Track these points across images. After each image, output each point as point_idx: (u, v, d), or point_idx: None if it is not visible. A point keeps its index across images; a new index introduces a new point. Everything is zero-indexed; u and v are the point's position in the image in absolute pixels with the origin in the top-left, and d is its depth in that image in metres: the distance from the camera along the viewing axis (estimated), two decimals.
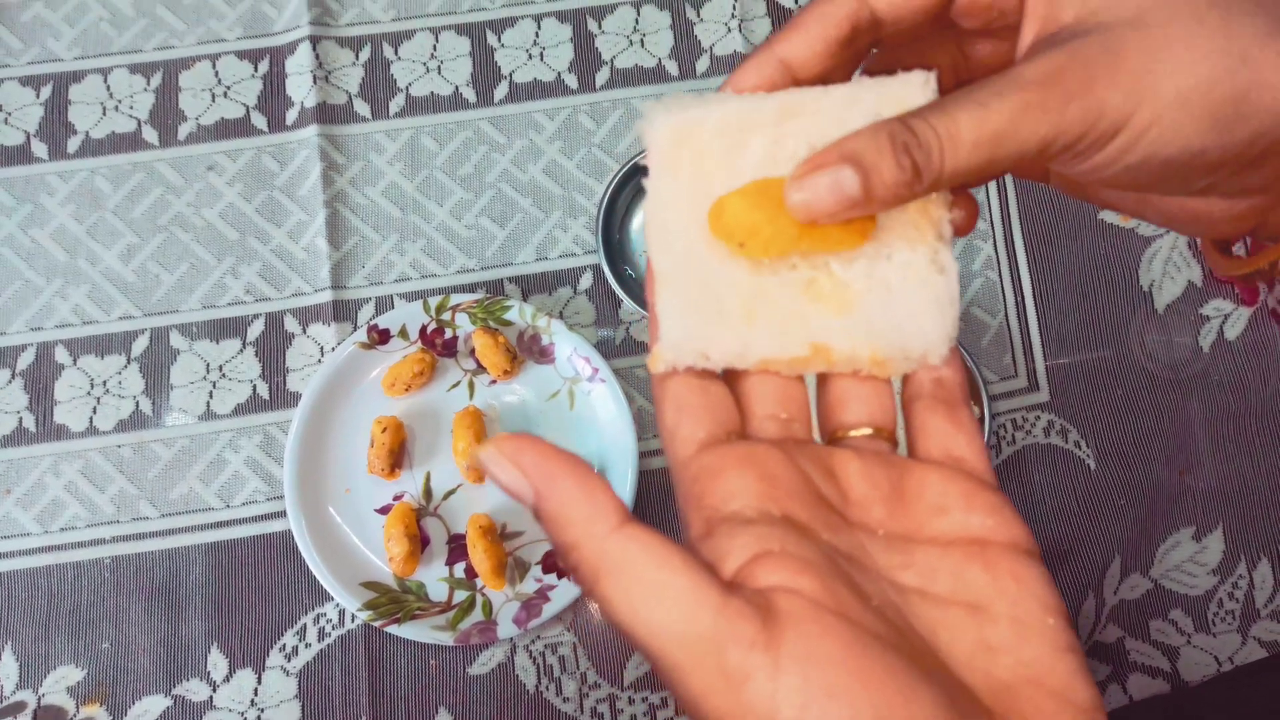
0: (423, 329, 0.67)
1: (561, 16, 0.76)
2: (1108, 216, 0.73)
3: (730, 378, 0.31)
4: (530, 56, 0.75)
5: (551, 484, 0.26)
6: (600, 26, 0.76)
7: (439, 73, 0.75)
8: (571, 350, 0.67)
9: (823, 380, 0.32)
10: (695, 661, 0.23)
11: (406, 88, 0.74)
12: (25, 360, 0.68)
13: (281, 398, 0.68)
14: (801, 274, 0.30)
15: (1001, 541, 0.27)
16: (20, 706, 0.63)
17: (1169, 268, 0.72)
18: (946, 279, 0.30)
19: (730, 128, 0.31)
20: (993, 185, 0.73)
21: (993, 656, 0.25)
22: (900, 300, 0.30)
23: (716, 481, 0.27)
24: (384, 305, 0.70)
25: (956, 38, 0.35)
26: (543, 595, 0.64)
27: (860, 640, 0.23)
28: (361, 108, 0.73)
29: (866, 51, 0.33)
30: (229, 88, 0.74)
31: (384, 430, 0.64)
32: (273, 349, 0.69)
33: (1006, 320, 0.71)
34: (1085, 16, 0.29)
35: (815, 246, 0.29)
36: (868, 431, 0.30)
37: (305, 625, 0.65)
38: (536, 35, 0.75)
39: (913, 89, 0.30)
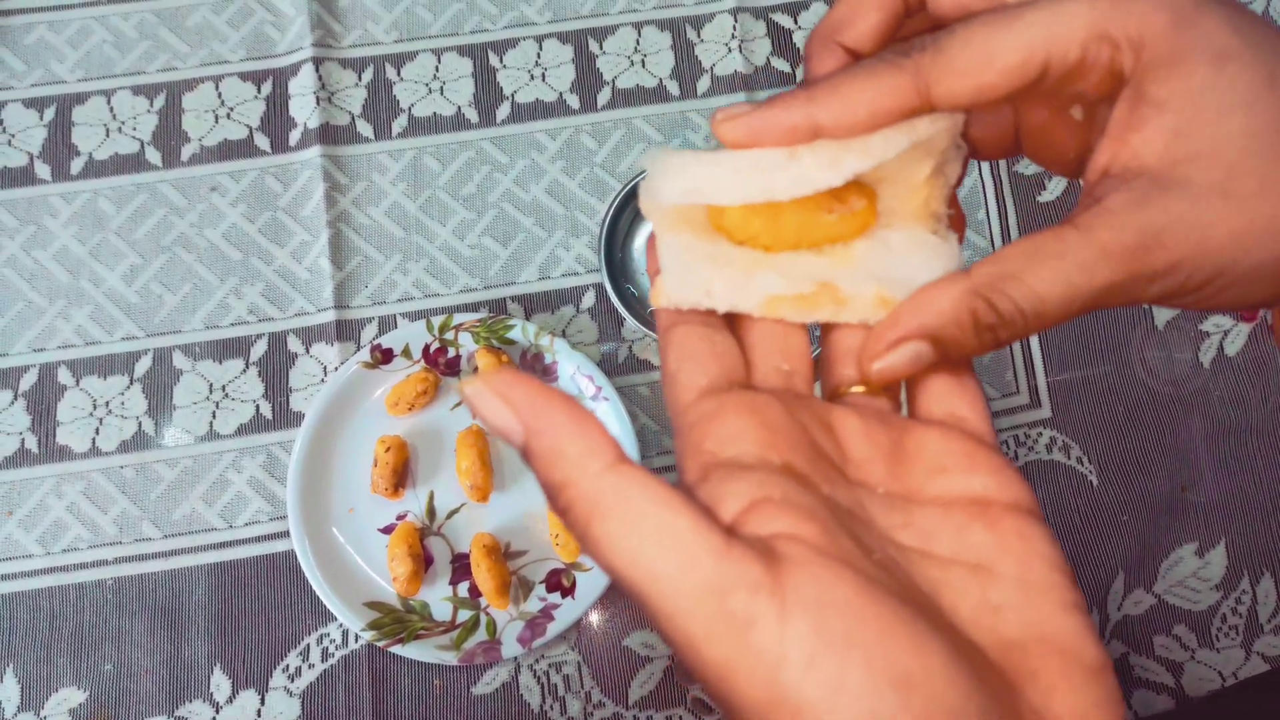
0: (426, 348, 0.67)
1: (563, 38, 0.76)
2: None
3: (733, 327, 0.31)
4: (532, 77, 0.76)
5: (542, 419, 0.25)
6: (601, 47, 0.76)
7: (441, 93, 0.75)
8: (574, 369, 0.67)
9: (826, 333, 0.32)
10: (695, 606, 0.22)
11: (409, 108, 0.75)
12: (28, 381, 0.69)
13: (284, 417, 0.68)
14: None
15: (1004, 501, 0.27)
16: None
17: None
18: (949, 243, 0.30)
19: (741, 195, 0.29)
20: (992, 202, 0.74)
21: (998, 615, 0.25)
22: (904, 255, 0.30)
23: (715, 425, 0.27)
24: (387, 325, 0.70)
25: None
26: (547, 614, 0.64)
27: (869, 588, 0.23)
28: (364, 128, 0.74)
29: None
30: (232, 109, 0.74)
31: (387, 449, 0.64)
32: (276, 369, 0.69)
33: None
34: (1169, 168, 0.27)
35: (815, 244, 0.30)
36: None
37: (309, 645, 0.65)
38: (538, 56, 0.76)
39: (940, 139, 0.30)
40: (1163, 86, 0.27)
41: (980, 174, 0.74)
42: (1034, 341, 0.71)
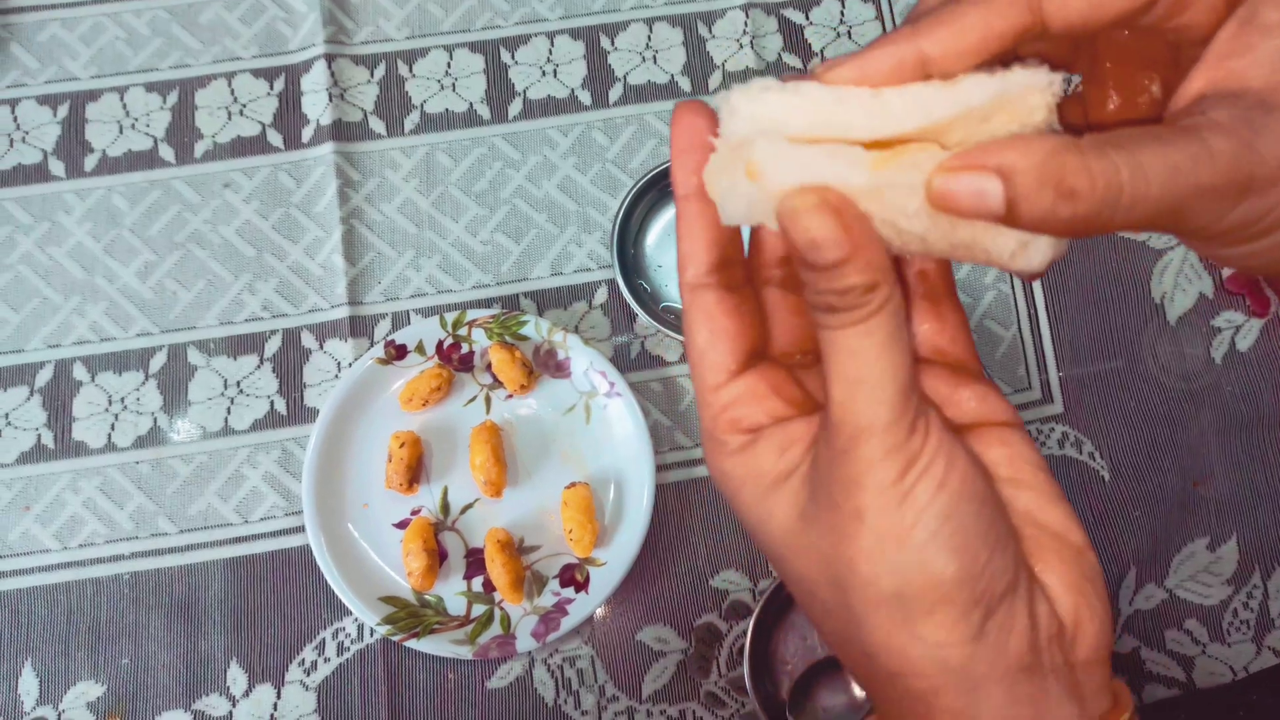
0: (439, 344, 0.68)
1: (575, 34, 0.76)
2: None
3: (753, 286, 0.33)
4: (544, 73, 0.76)
5: (869, 240, 0.26)
6: (613, 43, 0.76)
7: (453, 90, 0.75)
8: (588, 365, 0.67)
9: None
10: (889, 406, 0.27)
11: (421, 105, 0.75)
12: (43, 377, 0.69)
13: (299, 413, 0.69)
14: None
15: (988, 419, 0.31)
16: None
17: (1180, 280, 0.72)
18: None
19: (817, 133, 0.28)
20: None
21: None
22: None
23: (754, 405, 0.31)
24: (400, 321, 0.70)
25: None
26: (560, 609, 0.64)
27: (964, 445, 0.28)
28: (377, 125, 0.74)
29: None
30: (245, 106, 0.74)
31: (402, 445, 0.65)
32: (290, 365, 0.70)
33: (1020, 333, 0.71)
34: (1275, 89, 0.27)
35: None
36: None
37: (324, 640, 0.65)
38: (550, 52, 0.76)
39: (1032, 95, 0.27)
40: (1276, 10, 0.27)
41: None
42: (1046, 337, 0.71)
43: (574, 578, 0.65)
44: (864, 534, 0.27)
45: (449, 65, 0.76)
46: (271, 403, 0.69)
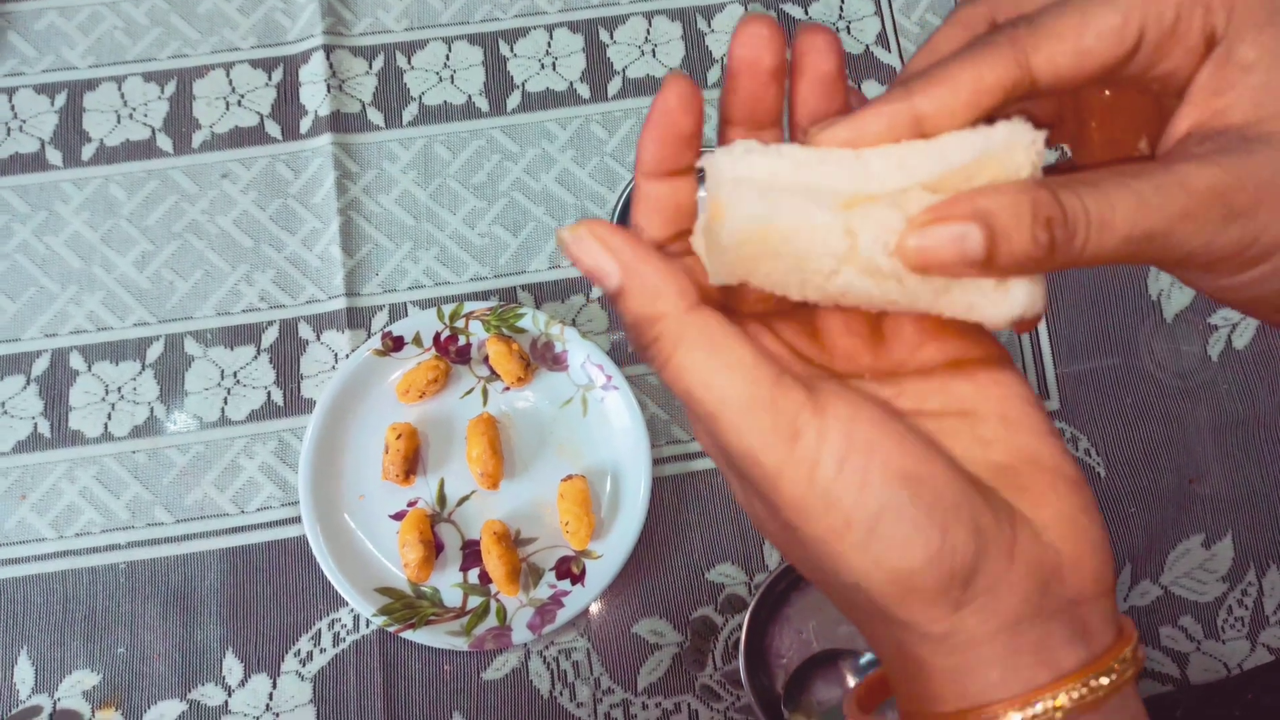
0: (436, 336, 0.68)
1: (574, 27, 0.76)
2: None
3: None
4: (543, 66, 0.76)
5: (640, 263, 0.28)
6: (612, 37, 0.76)
7: (452, 82, 0.75)
8: (585, 357, 0.67)
9: None
10: (755, 422, 0.27)
11: (420, 97, 0.75)
12: (40, 366, 0.69)
13: (296, 404, 0.69)
14: None
15: (977, 357, 0.31)
16: (36, 710, 0.63)
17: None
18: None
19: (802, 198, 0.28)
20: None
21: (988, 447, 0.30)
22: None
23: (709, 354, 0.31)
24: (397, 313, 0.70)
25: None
26: (556, 601, 0.64)
27: (887, 416, 0.28)
28: (375, 116, 0.74)
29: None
30: (243, 96, 0.74)
31: (399, 437, 0.65)
32: (287, 356, 0.70)
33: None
34: (1257, 124, 0.27)
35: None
36: None
37: (320, 630, 0.65)
38: (549, 45, 0.76)
39: (1016, 151, 0.27)
40: (1252, 48, 0.27)
41: None
42: (1043, 333, 0.71)
43: (570, 570, 0.65)
44: (807, 542, 0.28)
45: (448, 57, 0.76)
46: (268, 393, 0.69)
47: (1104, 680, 0.28)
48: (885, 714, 0.33)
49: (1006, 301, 0.28)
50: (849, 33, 0.77)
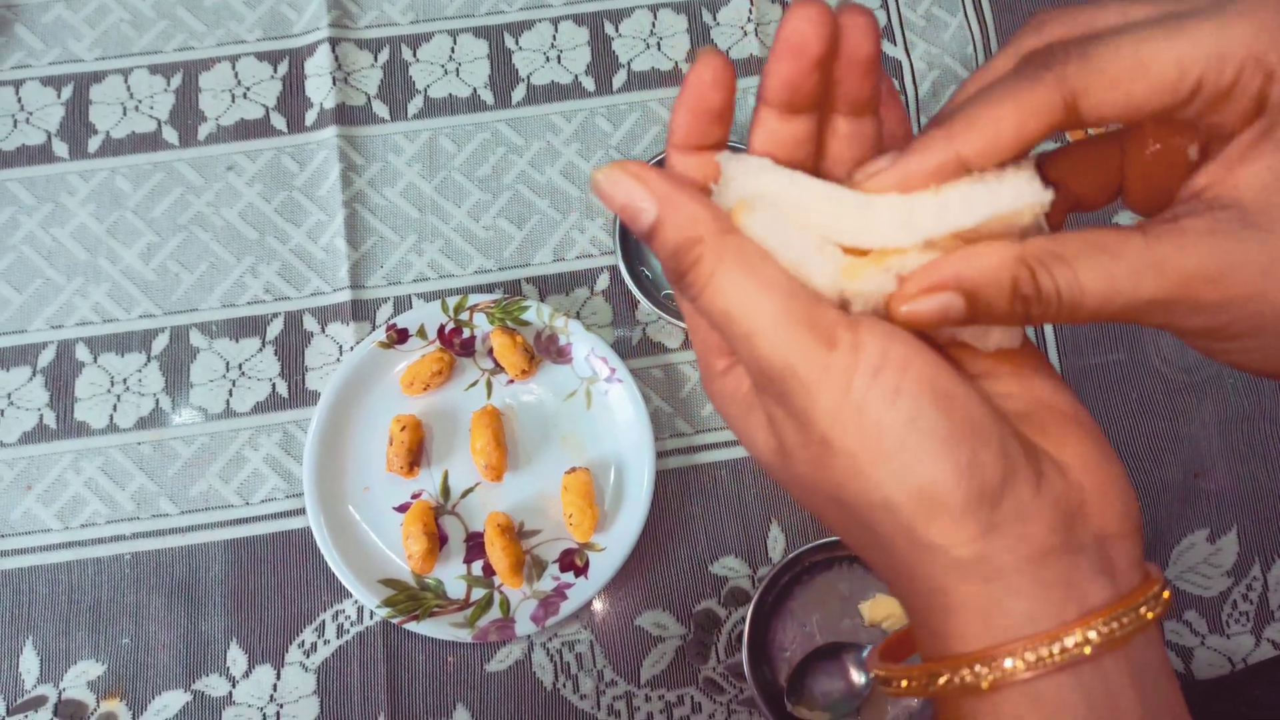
0: (441, 329, 0.68)
1: (579, 20, 0.76)
2: (1123, 221, 0.73)
3: None
4: (548, 59, 0.76)
5: (678, 192, 0.29)
6: (617, 30, 0.76)
7: (457, 75, 0.75)
8: (589, 350, 0.67)
9: None
10: (792, 334, 0.28)
11: (425, 89, 0.75)
12: (46, 358, 0.69)
13: (300, 396, 0.69)
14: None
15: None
16: (41, 701, 0.64)
17: None
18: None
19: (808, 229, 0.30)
20: None
21: (1007, 400, 0.31)
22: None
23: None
24: (402, 305, 0.70)
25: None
26: (560, 593, 0.64)
27: (921, 340, 0.29)
28: (380, 109, 0.74)
29: None
30: (249, 89, 0.74)
31: (403, 429, 0.65)
32: (292, 348, 0.70)
33: None
34: (1261, 208, 0.27)
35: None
36: None
37: (324, 622, 0.65)
38: (554, 38, 0.76)
39: (1023, 215, 0.29)
40: None
41: None
42: (1048, 328, 0.71)
43: (574, 562, 0.65)
44: (836, 458, 0.28)
45: (453, 50, 0.76)
46: (273, 385, 0.69)
47: (1131, 618, 0.28)
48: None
49: (986, 337, 0.31)
50: None
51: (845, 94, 0.30)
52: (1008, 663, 0.27)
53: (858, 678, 0.63)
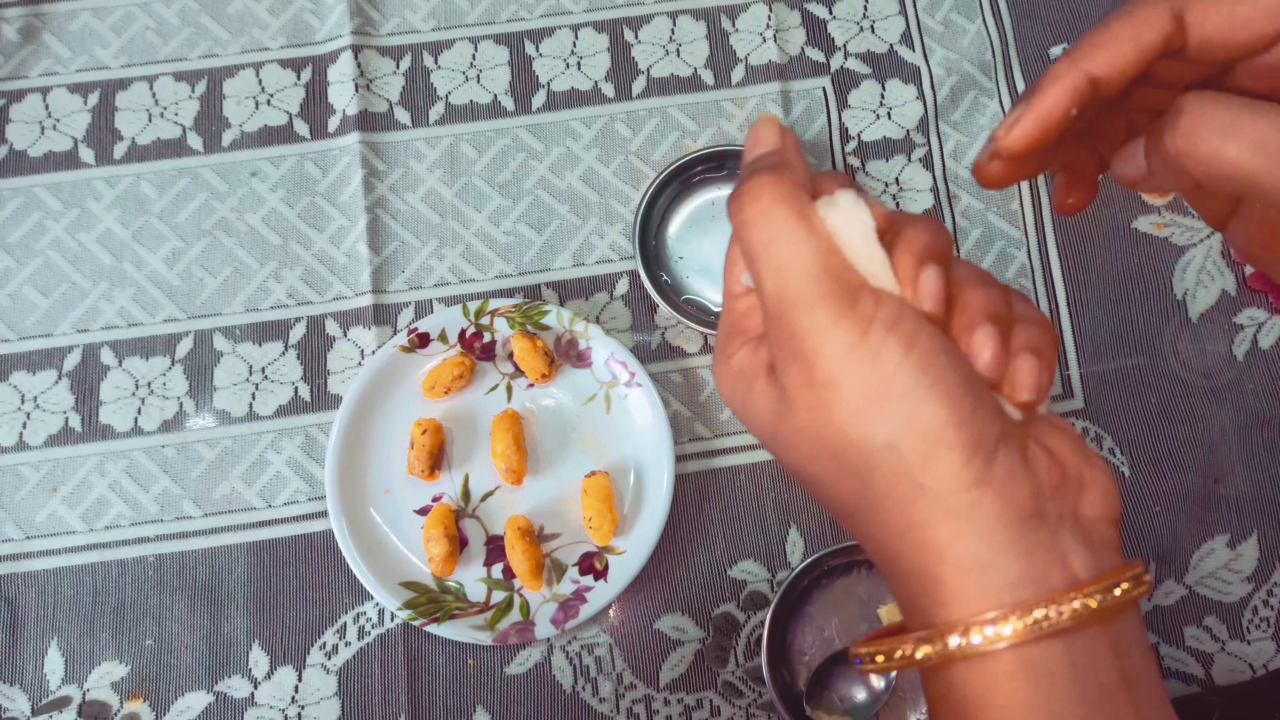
0: (462, 333, 0.68)
1: (599, 26, 0.77)
2: (1141, 225, 0.73)
3: None
4: (568, 66, 0.76)
5: (799, 155, 0.34)
6: (637, 36, 0.77)
7: (478, 81, 0.76)
8: (608, 355, 0.68)
9: None
10: (819, 279, 0.30)
11: (446, 96, 0.75)
12: (72, 361, 0.70)
13: (322, 400, 0.69)
14: None
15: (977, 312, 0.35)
16: (66, 701, 0.64)
17: (1202, 276, 0.72)
18: None
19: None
20: (1026, 195, 0.74)
21: None
22: None
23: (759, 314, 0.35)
24: (423, 309, 0.71)
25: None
26: (580, 597, 0.65)
27: (929, 321, 0.31)
28: (402, 115, 0.75)
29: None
30: (272, 95, 0.75)
31: (424, 432, 0.65)
32: (314, 352, 0.70)
33: None
34: None
35: None
36: None
37: (345, 624, 0.66)
38: (574, 45, 0.76)
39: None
40: None
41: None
42: (1067, 333, 0.71)
43: (593, 566, 0.66)
44: (843, 398, 0.30)
45: (474, 57, 0.76)
46: (295, 389, 0.70)
47: (1116, 592, 0.29)
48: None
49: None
50: (873, 32, 0.77)
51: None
52: (1008, 627, 0.28)
53: (877, 683, 0.63)
